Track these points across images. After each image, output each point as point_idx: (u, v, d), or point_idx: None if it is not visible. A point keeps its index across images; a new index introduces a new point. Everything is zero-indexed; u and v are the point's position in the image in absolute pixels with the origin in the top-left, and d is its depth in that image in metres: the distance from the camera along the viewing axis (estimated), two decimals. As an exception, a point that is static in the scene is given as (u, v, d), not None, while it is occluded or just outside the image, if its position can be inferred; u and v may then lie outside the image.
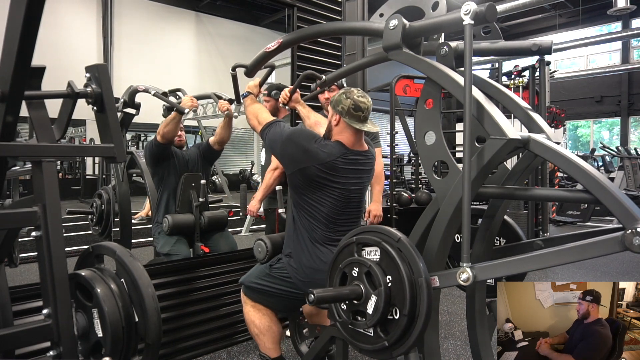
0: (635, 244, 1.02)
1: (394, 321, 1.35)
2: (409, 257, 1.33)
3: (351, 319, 1.46)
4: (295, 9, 3.15)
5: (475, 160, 1.30)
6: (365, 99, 1.92)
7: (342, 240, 1.55)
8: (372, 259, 1.41)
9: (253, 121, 2.14)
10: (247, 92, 2.26)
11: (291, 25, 3.18)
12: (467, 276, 1.25)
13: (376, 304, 1.36)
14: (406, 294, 1.30)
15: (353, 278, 1.45)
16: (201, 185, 3.19)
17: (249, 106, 2.21)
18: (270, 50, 2.05)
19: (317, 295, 1.36)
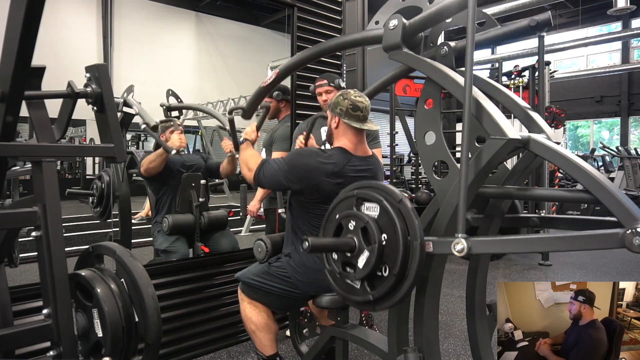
0: (635, 244, 1.02)
1: (382, 278, 1.35)
2: (407, 219, 1.32)
3: (340, 269, 1.46)
4: (295, 9, 3.15)
5: (475, 160, 1.30)
6: (363, 99, 1.93)
7: (342, 192, 1.53)
8: (371, 215, 1.39)
9: (244, 170, 2.06)
10: (244, 139, 2.18)
11: (291, 25, 3.18)
12: (461, 247, 1.24)
13: (368, 259, 1.36)
14: (399, 255, 1.30)
15: (348, 231, 1.44)
16: (201, 185, 3.19)
17: (242, 153, 2.12)
18: (267, 84, 1.96)
19: (311, 242, 1.37)
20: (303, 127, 2.89)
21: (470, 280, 1.69)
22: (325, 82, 2.75)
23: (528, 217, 1.64)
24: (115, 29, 12.50)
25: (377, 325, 3.19)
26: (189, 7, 14.36)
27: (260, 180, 1.98)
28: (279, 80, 1.93)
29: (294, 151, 2.02)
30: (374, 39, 1.62)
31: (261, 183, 2.00)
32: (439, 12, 1.41)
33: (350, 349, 2.52)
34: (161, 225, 3.09)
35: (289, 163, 1.91)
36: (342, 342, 1.86)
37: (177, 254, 2.99)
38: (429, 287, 1.46)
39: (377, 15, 1.86)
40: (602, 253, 5.81)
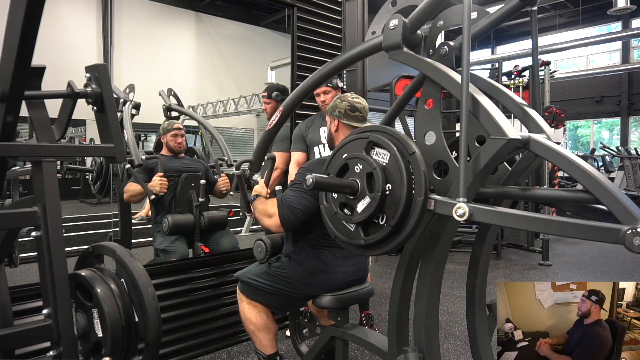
0: (635, 244, 1.02)
1: (378, 226, 1.34)
2: (415, 173, 1.29)
3: (337, 209, 1.44)
4: (295, 9, 3.15)
5: (475, 160, 1.30)
6: (360, 100, 1.95)
7: (354, 131, 1.47)
8: (379, 162, 1.36)
9: (266, 221, 1.94)
10: (254, 195, 2.08)
11: (291, 26, 3.18)
12: (463, 211, 1.22)
13: (367, 206, 1.34)
14: (399, 208, 1.28)
15: (353, 173, 1.41)
16: (201, 185, 3.19)
17: (257, 209, 2.01)
18: (272, 126, 1.83)
19: (315, 179, 1.33)
20: (302, 127, 2.89)
21: (470, 280, 1.69)
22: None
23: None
24: (115, 29, 12.49)
25: (377, 325, 3.19)
26: (189, 7, 14.35)
27: (289, 216, 1.86)
28: (285, 118, 1.84)
29: (301, 169, 1.98)
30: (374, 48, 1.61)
31: (291, 220, 1.87)
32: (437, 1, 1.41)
33: (350, 349, 2.52)
34: (161, 225, 3.09)
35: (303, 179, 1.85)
36: (342, 342, 1.86)
37: (176, 253, 2.99)
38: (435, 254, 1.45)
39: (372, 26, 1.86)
40: (602, 253, 5.82)
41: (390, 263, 5.42)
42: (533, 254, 5.66)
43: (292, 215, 1.86)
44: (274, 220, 1.88)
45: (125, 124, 2.84)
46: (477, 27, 1.51)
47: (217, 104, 11.26)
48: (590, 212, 1.36)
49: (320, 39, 3.29)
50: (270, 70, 13.01)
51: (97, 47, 12.21)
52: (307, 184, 1.33)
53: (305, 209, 1.88)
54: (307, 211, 1.89)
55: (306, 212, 1.89)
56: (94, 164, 3.55)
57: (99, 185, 3.52)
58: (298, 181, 1.92)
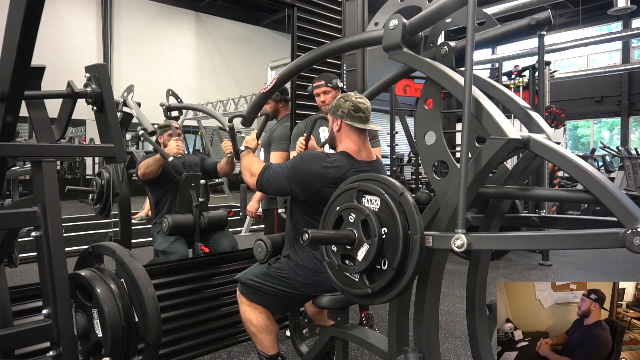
0: (636, 244, 1.02)
1: (382, 272, 1.35)
2: (408, 213, 1.32)
3: (339, 262, 1.46)
4: (295, 9, 3.15)
5: (475, 160, 1.30)
6: (364, 100, 1.93)
7: (343, 184, 1.52)
8: (371, 208, 1.39)
9: (246, 176, 2.03)
10: (244, 146, 2.16)
11: (291, 25, 3.18)
12: (461, 242, 1.24)
13: (367, 253, 1.36)
14: (398, 249, 1.30)
15: (349, 223, 1.44)
16: (201, 185, 3.19)
17: (243, 160, 2.09)
18: (267, 90, 1.95)
19: (311, 235, 1.37)
20: (302, 127, 2.88)
21: (470, 280, 1.69)
22: (322, 83, 2.74)
23: (528, 217, 1.64)
24: (115, 29, 12.51)
25: (377, 325, 3.19)
26: (189, 7, 14.36)
27: (263, 185, 1.96)
28: (279, 86, 1.93)
29: (297, 156, 2.01)
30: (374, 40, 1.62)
31: (264, 188, 1.98)
32: (439, 10, 1.41)
33: (350, 349, 2.52)
34: (161, 226, 3.09)
35: (292, 168, 1.90)
36: (342, 342, 1.86)
37: (176, 255, 2.99)
38: (430, 285, 1.46)
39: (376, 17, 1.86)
40: (602, 253, 5.81)
41: (390, 263, 5.40)
42: (533, 254, 5.66)
43: (268, 186, 1.96)
44: (253, 179, 1.98)
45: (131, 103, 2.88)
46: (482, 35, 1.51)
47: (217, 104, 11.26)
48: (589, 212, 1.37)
49: (320, 39, 3.29)
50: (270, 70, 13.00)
51: (97, 47, 12.23)
52: (303, 239, 1.37)
53: (278, 188, 1.96)
54: (279, 191, 2.01)
55: (278, 191, 2.02)
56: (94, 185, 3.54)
57: (99, 207, 3.51)
58: (288, 165, 1.94)
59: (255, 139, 2.19)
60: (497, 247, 1.30)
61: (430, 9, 1.44)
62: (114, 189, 3.40)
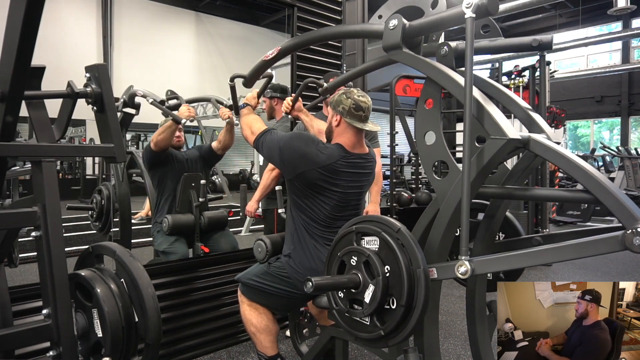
0: (636, 244, 1.02)
1: (391, 311, 1.36)
2: (408, 248, 1.33)
3: (348, 307, 1.46)
4: (295, 9, 3.15)
5: (475, 160, 1.30)
6: (366, 99, 1.93)
7: (341, 229, 1.55)
8: (371, 249, 1.41)
9: (246, 131, 2.10)
10: (244, 103, 2.22)
11: (291, 25, 3.18)
12: (465, 269, 1.25)
13: (374, 294, 1.37)
14: (404, 285, 1.30)
15: (351, 267, 1.45)
16: (201, 185, 3.19)
17: (244, 117, 2.16)
18: (269, 58, 2.01)
19: (315, 283, 1.37)
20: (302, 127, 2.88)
21: (470, 280, 1.69)
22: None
23: (530, 238, 1.65)
24: (115, 29, 12.50)
25: (377, 325, 3.19)
26: (189, 7, 14.35)
27: (260, 145, 2.02)
28: (281, 56, 1.98)
29: (294, 132, 2.08)
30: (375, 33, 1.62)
31: (259, 148, 2.04)
32: (439, 21, 1.43)
33: (350, 349, 2.52)
34: (161, 226, 3.09)
35: (286, 142, 1.93)
36: (342, 342, 1.86)
37: (176, 255, 2.99)
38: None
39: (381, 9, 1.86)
40: (602, 253, 5.80)
41: (390, 263, 5.41)
42: (533, 254, 5.66)
43: (262, 148, 2.01)
44: (252, 137, 2.05)
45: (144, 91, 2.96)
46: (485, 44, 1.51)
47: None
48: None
49: (320, 39, 3.28)
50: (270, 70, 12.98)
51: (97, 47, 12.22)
52: (306, 287, 1.38)
53: (269, 156, 2.01)
54: (270, 158, 2.06)
55: (268, 158, 2.08)
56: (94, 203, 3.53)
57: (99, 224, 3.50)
58: (284, 137, 1.97)
59: (255, 97, 2.26)
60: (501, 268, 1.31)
61: (430, 18, 1.45)
62: (113, 207, 3.38)
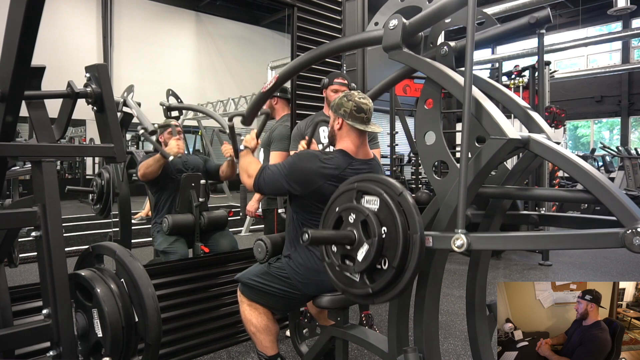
0: (636, 244, 1.02)
1: (382, 271, 1.36)
2: (407, 212, 1.32)
3: (339, 262, 1.46)
4: (295, 9, 3.15)
5: (475, 160, 1.30)
6: (367, 101, 1.93)
7: (342, 185, 1.53)
8: (371, 208, 1.40)
9: (243, 177, 2.06)
10: (244, 146, 2.16)
11: (291, 25, 3.18)
12: (461, 242, 1.24)
13: (367, 253, 1.36)
14: (398, 248, 1.30)
15: (348, 223, 1.44)
16: (201, 185, 3.19)
17: (241, 161, 2.10)
18: (267, 89, 1.95)
19: (312, 234, 1.37)
20: (302, 127, 2.88)
21: (470, 280, 1.69)
22: (345, 82, 2.75)
23: (528, 215, 1.64)
24: (115, 29, 12.50)
25: (377, 325, 3.19)
26: (189, 7, 14.35)
27: (260, 186, 1.97)
28: (279, 85, 1.92)
29: (294, 155, 2.02)
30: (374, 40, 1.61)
31: (261, 189, 1.99)
32: (439, 10, 1.42)
33: (350, 349, 2.52)
34: (161, 226, 3.09)
35: (289, 167, 1.91)
36: (342, 342, 1.86)
37: (176, 255, 2.99)
38: (430, 286, 1.46)
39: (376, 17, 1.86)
40: (602, 253, 5.81)
41: (390, 263, 5.41)
42: (533, 254, 5.66)
43: (265, 187, 1.98)
44: (250, 181, 2.00)
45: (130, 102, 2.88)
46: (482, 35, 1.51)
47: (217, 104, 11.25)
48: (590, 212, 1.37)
49: (320, 39, 3.29)
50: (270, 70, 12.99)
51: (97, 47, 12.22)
52: (303, 239, 1.37)
53: (275, 189, 1.98)
54: (277, 191, 2.05)
55: (275, 192, 2.06)
56: (94, 185, 3.54)
57: (99, 207, 3.51)
58: (284, 165, 1.95)
59: (254, 139, 2.20)
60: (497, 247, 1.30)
61: (430, 9, 1.45)
62: (114, 189, 3.40)
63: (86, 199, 3.73)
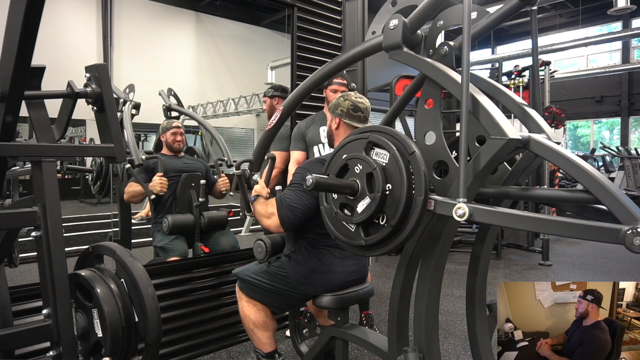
0: (636, 244, 1.02)
1: (379, 226, 1.34)
2: (415, 173, 1.30)
3: (337, 209, 1.44)
4: (295, 9, 3.15)
5: (475, 160, 1.30)
6: (363, 100, 1.96)
7: (354, 132, 1.47)
8: (379, 162, 1.36)
9: (265, 222, 1.95)
10: (255, 196, 2.09)
11: (291, 26, 3.18)
12: (463, 212, 1.22)
13: (368, 206, 1.34)
14: (400, 207, 1.28)
15: (353, 173, 1.41)
16: (201, 185, 3.19)
17: (257, 209, 2.01)
18: (272, 126, 1.83)
19: (315, 179, 1.33)
20: (302, 127, 2.89)
21: (470, 280, 1.69)
22: (345, 82, 2.76)
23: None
24: (115, 29, 12.49)
25: (377, 325, 3.19)
26: (189, 7, 14.35)
27: (288, 217, 1.87)
28: (285, 119, 1.83)
29: (299, 168, 1.98)
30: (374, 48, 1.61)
31: (290, 219, 1.87)
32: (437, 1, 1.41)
33: (350, 349, 2.52)
34: (161, 226, 3.09)
35: (302, 179, 1.83)
36: (342, 342, 1.86)
37: (175, 252, 2.99)
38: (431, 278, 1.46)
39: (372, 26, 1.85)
40: (602, 253, 5.81)
41: (390, 263, 5.42)
42: (533, 254, 5.66)
43: (292, 214, 1.87)
44: (273, 220, 1.89)
45: (126, 123, 2.84)
46: (477, 27, 1.51)
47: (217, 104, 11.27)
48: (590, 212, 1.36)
49: (320, 39, 3.29)
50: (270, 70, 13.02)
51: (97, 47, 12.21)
52: (307, 184, 1.33)
53: (305, 208, 1.88)
54: (307, 210, 1.89)
55: (306, 212, 1.89)
56: (93, 164, 3.56)
57: (98, 185, 3.53)
58: (297, 181, 1.92)
59: (264, 187, 2.09)
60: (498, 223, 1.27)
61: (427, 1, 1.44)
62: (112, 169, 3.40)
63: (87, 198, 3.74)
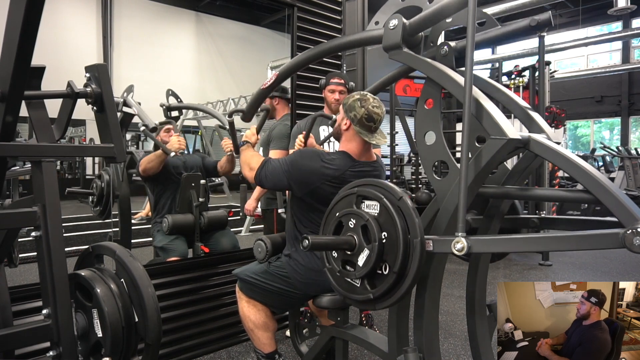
0: (636, 244, 1.02)
1: (383, 276, 1.36)
2: (407, 217, 1.32)
3: (340, 268, 1.46)
4: (295, 8, 3.15)
5: (475, 160, 1.30)
6: (380, 110, 1.89)
7: (342, 190, 1.53)
8: (371, 213, 1.40)
9: (245, 170, 2.05)
10: (244, 141, 2.18)
11: (291, 25, 3.18)
12: (461, 246, 1.24)
13: (368, 258, 1.37)
14: (399, 253, 1.30)
15: (349, 229, 1.45)
16: (201, 185, 3.19)
17: (242, 155, 2.12)
18: (267, 86, 1.97)
19: (312, 240, 1.37)
20: (302, 126, 2.88)
21: (470, 280, 1.69)
22: (342, 82, 2.75)
23: (528, 218, 1.64)
24: (115, 29, 12.51)
25: (377, 325, 3.19)
26: (189, 7, 14.36)
27: (262, 179, 1.97)
28: (279, 82, 1.94)
29: (296, 152, 2.01)
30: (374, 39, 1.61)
31: (262, 182, 1.99)
32: (439, 10, 1.41)
33: (350, 349, 2.52)
34: (161, 226, 3.09)
35: (291, 163, 1.91)
36: (342, 342, 1.86)
37: (175, 252, 2.99)
38: (429, 287, 1.46)
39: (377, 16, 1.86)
40: (602, 253, 5.81)
41: (390, 263, 5.40)
42: (533, 254, 5.66)
43: (265, 181, 1.98)
44: (252, 173, 2.00)
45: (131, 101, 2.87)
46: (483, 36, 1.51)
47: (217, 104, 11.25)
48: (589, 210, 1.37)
49: (320, 39, 3.29)
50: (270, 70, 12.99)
51: (97, 47, 12.23)
52: (303, 245, 1.37)
53: (275, 184, 1.98)
54: (277, 187, 2.04)
55: (275, 187, 2.05)
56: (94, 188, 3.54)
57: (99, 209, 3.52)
58: (286, 160, 1.95)
59: (255, 134, 2.21)
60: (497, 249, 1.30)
61: (430, 9, 1.44)
62: (114, 192, 3.40)
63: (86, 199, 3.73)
